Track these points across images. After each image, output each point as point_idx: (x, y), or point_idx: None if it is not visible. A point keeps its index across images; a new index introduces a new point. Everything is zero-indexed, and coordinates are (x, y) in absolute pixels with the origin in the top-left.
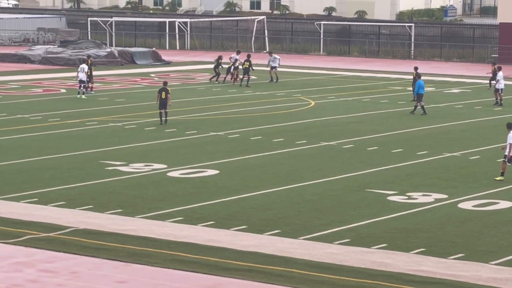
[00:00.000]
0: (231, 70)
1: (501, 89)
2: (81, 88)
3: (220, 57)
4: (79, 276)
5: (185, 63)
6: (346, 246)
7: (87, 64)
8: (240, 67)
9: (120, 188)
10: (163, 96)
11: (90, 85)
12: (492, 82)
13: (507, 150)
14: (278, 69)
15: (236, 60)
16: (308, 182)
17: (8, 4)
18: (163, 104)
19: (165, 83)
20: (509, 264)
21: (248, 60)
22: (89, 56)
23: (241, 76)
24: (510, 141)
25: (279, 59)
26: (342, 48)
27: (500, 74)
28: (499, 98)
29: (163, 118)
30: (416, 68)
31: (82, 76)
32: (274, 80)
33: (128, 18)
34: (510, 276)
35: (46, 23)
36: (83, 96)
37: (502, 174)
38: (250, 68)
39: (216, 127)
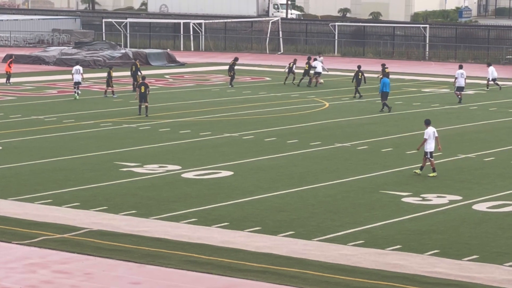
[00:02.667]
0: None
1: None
2: (77, 89)
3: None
4: (93, 277)
5: (199, 65)
6: (360, 248)
7: (109, 69)
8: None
9: (134, 189)
10: (142, 90)
11: (110, 89)
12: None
13: (423, 144)
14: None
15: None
16: (322, 184)
17: None
18: (143, 97)
19: (143, 78)
20: None
21: (307, 62)
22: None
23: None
24: (425, 137)
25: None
26: (356, 50)
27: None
28: None
29: (141, 112)
30: (383, 65)
31: (77, 78)
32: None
33: (142, 19)
34: None
35: (60, 24)
36: (76, 97)
37: (434, 170)
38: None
39: (231, 129)
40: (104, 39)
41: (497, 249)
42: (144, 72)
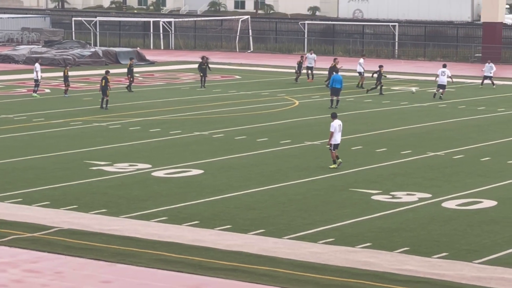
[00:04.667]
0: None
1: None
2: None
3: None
4: (63, 276)
5: (169, 63)
6: (331, 246)
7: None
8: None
9: (104, 188)
10: (103, 84)
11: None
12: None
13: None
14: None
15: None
16: (292, 182)
17: None
18: (103, 91)
19: (106, 72)
20: (492, 263)
21: (300, 61)
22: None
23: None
24: (331, 130)
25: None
26: (326, 48)
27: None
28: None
29: (104, 106)
30: (335, 59)
31: (35, 75)
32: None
33: (112, 18)
34: (494, 275)
35: (30, 23)
36: (35, 95)
37: (334, 162)
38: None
39: (201, 127)
40: (73, 37)
41: (466, 246)
42: (114, 71)
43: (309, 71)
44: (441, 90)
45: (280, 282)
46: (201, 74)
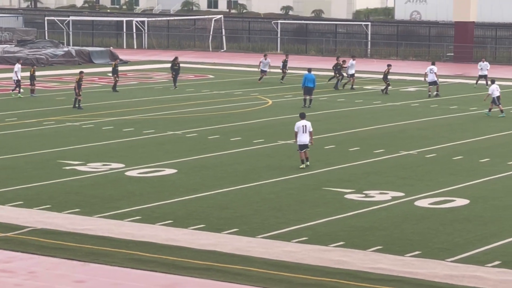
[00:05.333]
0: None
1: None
2: (17, 88)
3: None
4: (37, 276)
5: (142, 62)
6: (304, 245)
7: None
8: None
9: (78, 187)
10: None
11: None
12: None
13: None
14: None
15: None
16: (266, 181)
17: None
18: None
19: (80, 72)
20: (464, 261)
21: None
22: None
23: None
24: (295, 129)
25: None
26: (299, 47)
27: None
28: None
29: (77, 105)
30: (338, 58)
31: (15, 76)
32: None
33: (85, 17)
34: (466, 273)
35: (2, 22)
36: (19, 95)
37: (302, 162)
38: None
39: (174, 126)
40: (46, 37)
41: (439, 244)
42: (87, 70)
43: (263, 74)
44: (434, 87)
45: (254, 281)
46: (173, 74)
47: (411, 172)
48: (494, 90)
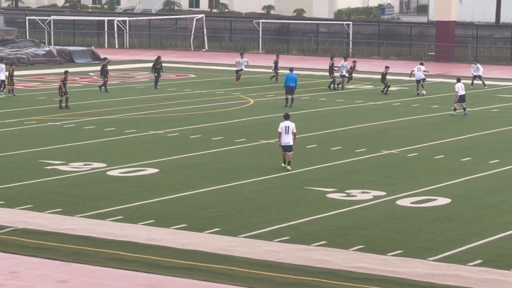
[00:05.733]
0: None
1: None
2: (2, 87)
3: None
4: (18, 276)
5: (124, 62)
6: (286, 244)
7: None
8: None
9: (59, 187)
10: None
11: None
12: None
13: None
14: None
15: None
16: (248, 180)
17: None
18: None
19: (65, 72)
20: (446, 260)
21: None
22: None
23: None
24: (279, 130)
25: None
26: (280, 46)
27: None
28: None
29: (63, 105)
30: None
31: (2, 76)
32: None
33: (66, 16)
34: (448, 272)
35: None
36: (1, 95)
37: (284, 162)
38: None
39: (155, 126)
40: (27, 36)
41: (420, 244)
42: (70, 70)
43: (239, 73)
44: (422, 83)
45: (236, 281)
46: (155, 74)
47: (392, 171)
48: (460, 88)
